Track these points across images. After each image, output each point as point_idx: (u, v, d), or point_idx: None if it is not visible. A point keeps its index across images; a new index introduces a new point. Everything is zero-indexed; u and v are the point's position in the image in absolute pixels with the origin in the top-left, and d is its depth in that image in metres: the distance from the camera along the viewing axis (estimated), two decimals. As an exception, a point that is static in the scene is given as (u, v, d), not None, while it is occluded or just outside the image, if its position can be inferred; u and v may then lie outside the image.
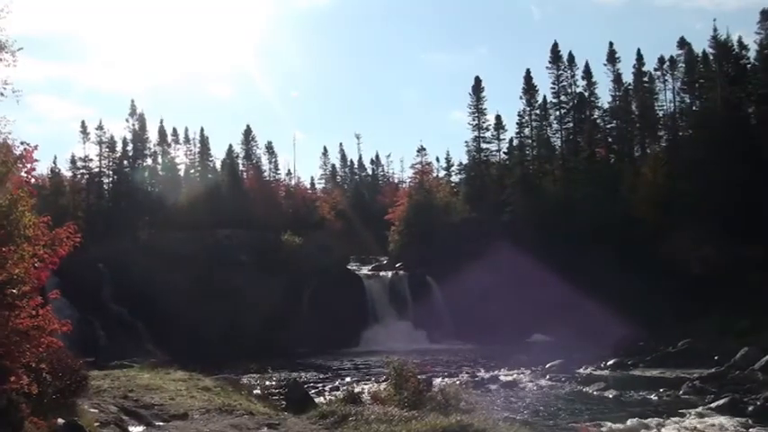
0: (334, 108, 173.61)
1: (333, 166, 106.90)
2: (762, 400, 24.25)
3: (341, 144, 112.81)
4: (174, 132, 78.41)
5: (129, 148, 74.60)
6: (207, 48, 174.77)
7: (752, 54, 62.86)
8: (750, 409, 23.81)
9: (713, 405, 24.73)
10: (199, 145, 78.57)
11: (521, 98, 71.45)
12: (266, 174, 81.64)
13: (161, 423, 14.36)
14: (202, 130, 79.08)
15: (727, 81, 59.87)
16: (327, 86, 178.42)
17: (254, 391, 20.94)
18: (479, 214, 67.43)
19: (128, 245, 60.73)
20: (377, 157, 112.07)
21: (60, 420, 11.66)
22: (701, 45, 68.48)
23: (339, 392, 22.82)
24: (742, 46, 63.49)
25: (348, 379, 35.05)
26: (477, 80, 72.90)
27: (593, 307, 50.01)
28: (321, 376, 37.65)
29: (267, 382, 22.28)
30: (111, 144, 73.06)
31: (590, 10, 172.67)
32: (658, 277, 51.55)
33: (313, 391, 27.71)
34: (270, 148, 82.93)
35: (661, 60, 71.50)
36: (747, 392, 26.21)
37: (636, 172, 62.39)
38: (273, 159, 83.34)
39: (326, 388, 31.35)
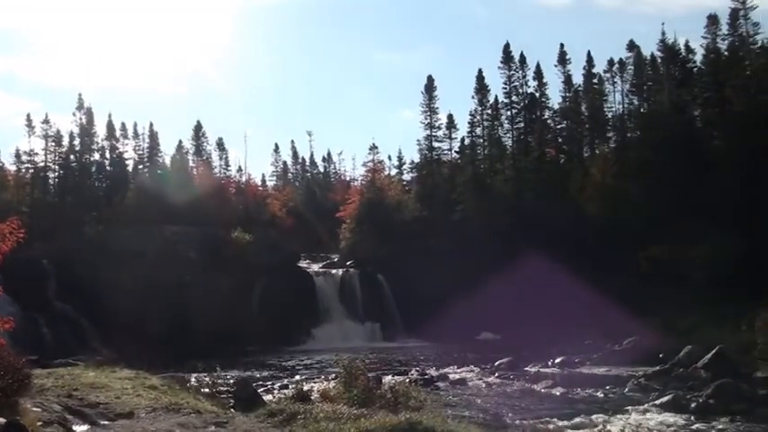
0: (286, 105, 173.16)
1: (284, 163, 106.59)
2: (704, 397, 24.67)
3: (292, 141, 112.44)
4: (123, 127, 77.32)
5: (76, 142, 73.18)
6: (158, 44, 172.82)
7: (698, 58, 64.20)
8: (693, 405, 24.21)
9: (657, 402, 25.10)
10: (148, 140, 77.57)
11: (473, 98, 72.04)
12: (217, 170, 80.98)
13: (106, 422, 14.08)
14: (151, 125, 78.24)
15: (674, 84, 60.93)
16: (279, 84, 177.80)
17: (202, 390, 20.65)
18: (430, 213, 67.71)
19: (74, 241, 59.50)
20: (328, 154, 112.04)
21: (1, 420, 11.34)
22: (645, 48, 69.41)
23: (288, 390, 22.66)
24: (689, 50, 64.82)
25: (298, 377, 34.80)
26: (430, 79, 73.19)
27: (541, 305, 50.57)
28: (270, 374, 37.36)
29: (215, 381, 21.98)
30: (58, 138, 71.64)
31: (537, 11, 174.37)
32: (605, 276, 52.21)
33: (262, 390, 27.47)
34: (221, 145, 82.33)
35: (610, 62, 72.59)
36: (690, 389, 26.65)
37: (585, 172, 63.19)
38: (224, 156, 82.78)
39: (276, 386, 31.07)
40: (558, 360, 36.92)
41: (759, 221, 43.27)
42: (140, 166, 77.99)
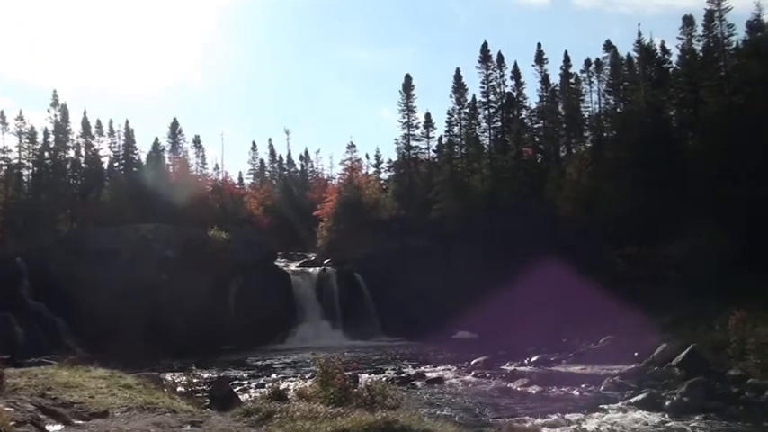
0: (264, 103, 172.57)
1: (261, 161, 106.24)
2: (678, 395, 24.86)
3: (270, 139, 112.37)
4: (99, 124, 76.77)
5: (51, 139, 72.66)
6: (135, 41, 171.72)
7: (674, 59, 64.76)
8: (667, 403, 24.38)
9: (632, 400, 25.23)
10: (124, 138, 77.00)
11: (450, 97, 72.11)
12: (193, 168, 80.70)
13: (80, 422, 13.92)
14: (127, 122, 77.65)
15: (650, 84, 61.33)
16: (256, 82, 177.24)
17: (178, 389, 20.55)
18: (408, 212, 67.80)
19: (48, 239, 59.08)
20: (306, 152, 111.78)
21: (-27, 419, 11.18)
22: (622, 49, 70.17)
23: (265, 389, 22.54)
24: (665, 50, 65.39)
25: (274, 376, 34.71)
26: (408, 78, 73.23)
27: (518, 304, 50.73)
28: (247, 373, 37.17)
29: (191, 380, 21.86)
30: (32, 135, 71.05)
31: (515, 11, 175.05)
32: (582, 275, 52.49)
33: (238, 389, 27.40)
34: (197, 143, 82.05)
35: (587, 62, 73.09)
36: (665, 387, 26.83)
37: (561, 171, 63.48)
38: (201, 154, 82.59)
39: (252, 385, 31.01)
40: (534, 358, 37.13)
41: (733, 221, 43.64)
42: (116, 164, 77.41)
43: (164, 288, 54.24)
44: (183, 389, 20.71)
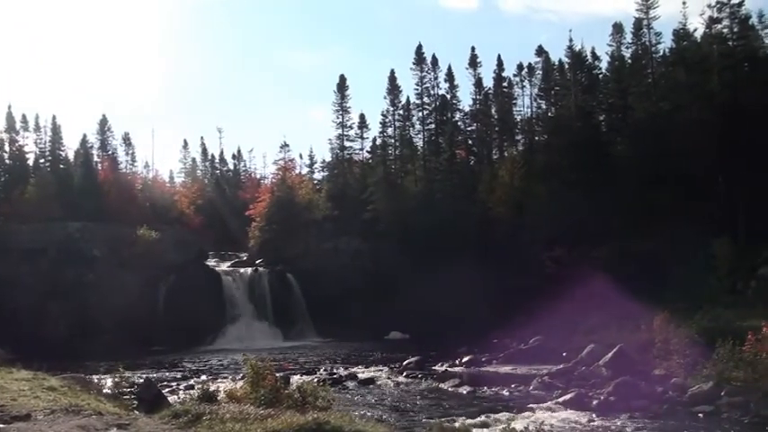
0: (196, 102, 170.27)
1: (193, 159, 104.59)
2: (605, 395, 25.28)
3: (202, 138, 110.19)
4: (24, 119, 74.56)
5: (-28, 134, 70.38)
6: (63, 35, 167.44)
7: (604, 65, 66.09)
8: (594, 403, 24.78)
9: (561, 400, 25.57)
10: (50, 133, 74.98)
11: (385, 98, 72.28)
12: (123, 166, 79.14)
13: (1, 425, 13.49)
14: (54, 117, 75.67)
15: (580, 89, 62.48)
16: (188, 80, 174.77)
17: (104, 391, 20.06)
18: (341, 212, 67.69)
19: (-31, 237, 57.16)
20: (239, 151, 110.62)
21: None
22: (551, 55, 71.12)
23: (194, 391, 22.14)
24: (595, 57, 66.66)
25: (204, 377, 34.18)
26: (342, 78, 73.10)
27: (450, 304, 51.18)
28: (176, 375, 36.55)
29: (118, 382, 21.38)
30: (-46, 130, 68.71)
31: (443, 15, 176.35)
32: (513, 276, 53.20)
33: (167, 390, 26.87)
34: (127, 140, 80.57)
35: (520, 67, 74.13)
36: (592, 387, 27.26)
37: (494, 174, 64.16)
38: (131, 151, 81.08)
39: (181, 387, 30.48)
40: (465, 359, 37.39)
41: (658, 224, 44.71)
42: (42, 161, 75.34)
43: (90, 288, 53.04)
44: (109, 391, 20.22)
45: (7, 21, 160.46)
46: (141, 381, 24.29)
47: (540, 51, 73.16)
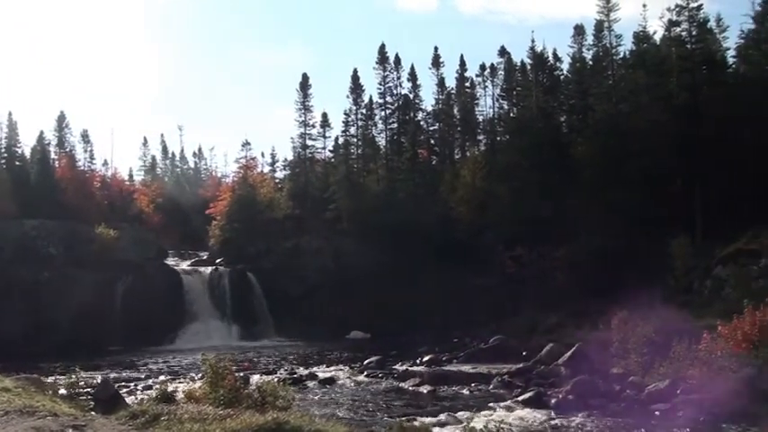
0: (156, 99, 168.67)
1: (153, 157, 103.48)
2: (564, 394, 25.47)
3: (162, 135, 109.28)
4: (-23, 116, 73.11)
5: (-75, 131, 68.86)
6: (21, 29, 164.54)
7: (565, 66, 66.61)
8: (553, 401, 24.97)
9: (520, 398, 25.71)
10: (6, 130, 73.61)
11: (347, 97, 72.09)
12: (81, 163, 77.79)
13: (-47, 428, 13.17)
14: (10, 114, 74.15)
15: (542, 90, 62.87)
16: (149, 77, 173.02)
17: (60, 392, 19.75)
18: (303, 211, 67.51)
19: None
20: (200, 150, 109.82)
21: None
22: (516, 55, 71.77)
23: (152, 391, 21.87)
24: (557, 58, 67.15)
25: (163, 377, 33.77)
26: (305, 77, 72.80)
27: (412, 304, 51.28)
28: (134, 375, 36.05)
29: (74, 382, 21.03)
30: None
31: (403, 16, 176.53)
32: (474, 275, 53.47)
33: (124, 391, 26.56)
34: (85, 137, 79.32)
35: (482, 67, 74.49)
36: (551, 386, 27.47)
37: (456, 174, 64.34)
38: (89, 148, 79.81)
39: (139, 387, 30.11)
40: (425, 358, 37.40)
41: (616, 223, 45.15)
42: (-4, 157, 73.98)
43: (46, 287, 52.11)
44: (65, 391, 19.94)
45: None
46: (98, 381, 23.97)
47: (503, 52, 73.61)
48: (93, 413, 15.71)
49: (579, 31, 64.96)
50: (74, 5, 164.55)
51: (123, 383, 31.04)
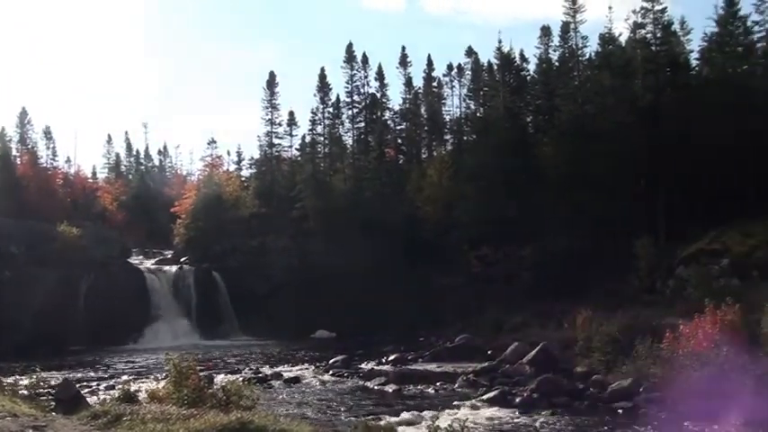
0: (121, 96, 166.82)
1: (117, 155, 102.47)
2: (528, 392, 25.67)
3: (126, 133, 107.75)
4: (-62, 111, 72.03)
5: None
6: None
7: (532, 67, 66.92)
8: (517, 400, 25.14)
9: (485, 397, 25.85)
10: (-33, 126, 72.50)
11: (314, 96, 71.83)
12: (43, 160, 76.98)
13: None
14: (-29, 110, 73.30)
15: (508, 91, 63.10)
16: (113, 74, 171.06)
17: (20, 392, 19.41)
18: (269, 209, 67.16)
19: None
20: (165, 147, 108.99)
21: None
22: (483, 56, 72.05)
23: (115, 391, 21.61)
24: (523, 59, 67.40)
25: (126, 377, 33.42)
26: (272, 75, 72.60)
27: (377, 303, 51.27)
28: (97, 375, 35.64)
29: (35, 382, 20.70)
30: None
31: (372, 16, 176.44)
32: (440, 275, 53.62)
33: (86, 391, 26.23)
34: (48, 134, 78.46)
35: (449, 67, 74.69)
36: (516, 385, 27.66)
37: (422, 173, 64.42)
38: (52, 145, 78.96)
39: (102, 387, 29.79)
40: (391, 357, 37.42)
41: (581, 224, 45.48)
42: (-44, 153, 72.75)
43: (8, 286, 51.18)
44: (25, 392, 19.60)
45: None
46: (60, 381, 23.64)
47: (470, 52, 73.90)
48: (54, 414, 15.54)
49: (546, 32, 65.39)
50: (32, 3, 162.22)
51: (85, 383, 30.73)
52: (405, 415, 23.12)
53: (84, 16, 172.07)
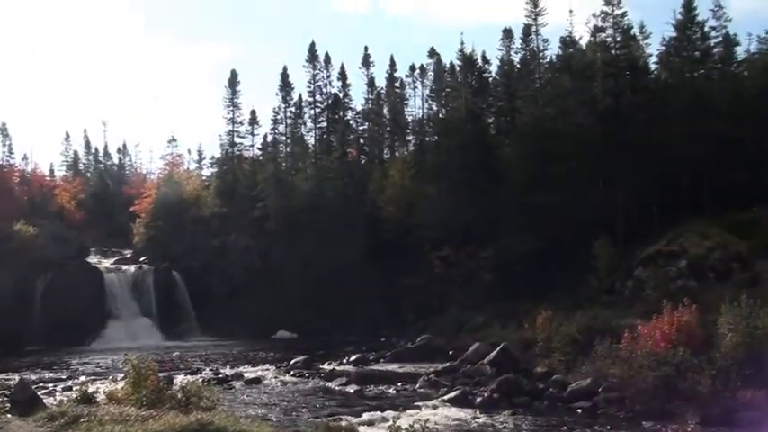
0: (79, 93, 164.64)
1: (75, 153, 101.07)
2: (489, 392, 25.84)
3: (85, 130, 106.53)
4: None
5: None
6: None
7: (494, 69, 67.32)
8: (478, 400, 25.31)
9: (446, 397, 25.98)
10: None
11: (276, 95, 71.54)
12: (-1, 158, 75.78)
13: None
14: (-76, 106, 71.92)
15: (470, 92, 63.34)
16: (72, 70, 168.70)
17: (-26, 394, 19.09)
18: (230, 209, 66.69)
19: None
20: (124, 146, 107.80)
21: None
22: (446, 57, 72.36)
23: (72, 393, 21.35)
24: (485, 60, 67.75)
25: (84, 378, 32.98)
26: (233, 74, 72.09)
27: (339, 303, 51.29)
28: (54, 376, 35.18)
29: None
30: None
31: (335, 16, 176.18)
32: (402, 275, 53.72)
33: (43, 392, 25.92)
34: (3, 131, 77.17)
35: (412, 68, 74.84)
36: (477, 385, 27.84)
37: (384, 174, 64.42)
38: (8, 143, 77.74)
39: (59, 388, 29.42)
40: (352, 358, 37.41)
41: (543, 225, 45.81)
42: None
43: (-40, 286, 50.36)
44: (-21, 394, 19.26)
45: None
46: (15, 382, 23.29)
47: (433, 53, 74.10)
48: (9, 415, 15.36)
49: (508, 34, 65.79)
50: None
51: (42, 384, 30.38)
52: (366, 415, 23.15)
53: (41, 10, 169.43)
